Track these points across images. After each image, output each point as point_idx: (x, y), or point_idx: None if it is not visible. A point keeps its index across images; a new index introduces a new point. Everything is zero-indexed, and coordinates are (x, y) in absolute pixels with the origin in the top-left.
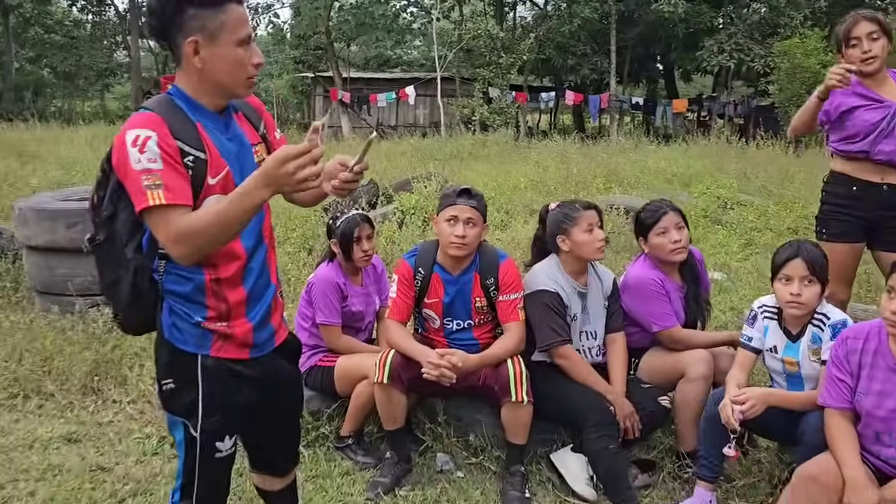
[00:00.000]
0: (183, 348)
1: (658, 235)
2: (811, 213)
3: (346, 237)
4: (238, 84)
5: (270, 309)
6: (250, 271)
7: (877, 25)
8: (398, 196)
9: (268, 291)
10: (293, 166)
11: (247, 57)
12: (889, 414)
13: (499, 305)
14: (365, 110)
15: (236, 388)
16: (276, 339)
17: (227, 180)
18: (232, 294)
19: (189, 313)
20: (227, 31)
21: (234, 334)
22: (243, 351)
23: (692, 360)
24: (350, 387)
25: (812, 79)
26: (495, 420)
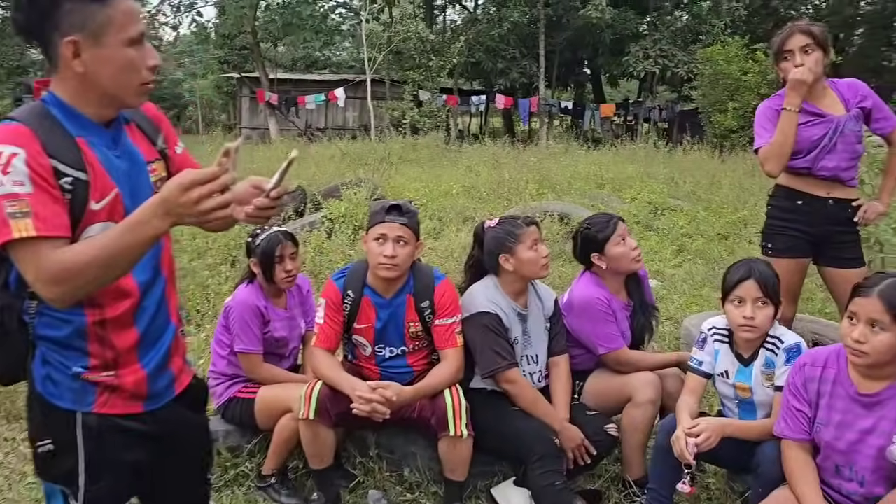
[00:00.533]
0: (58, 405)
1: (617, 245)
2: (739, 218)
3: (266, 257)
4: (128, 92)
5: (170, 352)
6: (144, 310)
7: (810, 38)
8: (327, 203)
9: (166, 333)
10: (197, 194)
11: (139, 59)
12: (850, 446)
13: (435, 330)
14: (293, 112)
15: (126, 447)
16: (177, 387)
17: (114, 205)
18: (121, 338)
19: (66, 363)
20: (115, 28)
21: (124, 385)
22: (135, 404)
23: (639, 383)
24: (272, 421)
25: (733, 85)
26: (432, 452)
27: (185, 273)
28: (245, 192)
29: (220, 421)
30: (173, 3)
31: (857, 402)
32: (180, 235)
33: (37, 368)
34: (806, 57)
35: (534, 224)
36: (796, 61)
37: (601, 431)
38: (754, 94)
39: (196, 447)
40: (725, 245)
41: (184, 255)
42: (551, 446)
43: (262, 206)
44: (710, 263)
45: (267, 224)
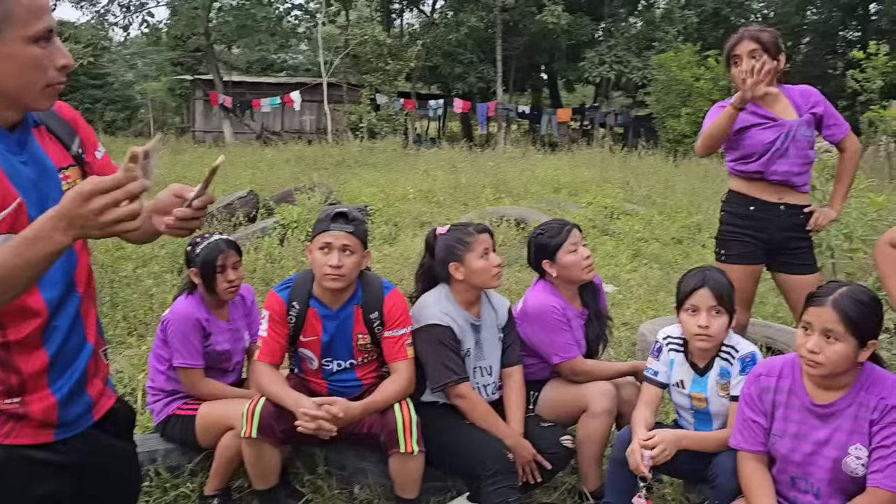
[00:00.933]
0: None
1: (569, 253)
2: (693, 222)
3: (207, 266)
4: (30, 93)
5: (86, 376)
6: (54, 330)
7: (757, 44)
8: (279, 208)
9: (81, 355)
10: (99, 204)
11: (44, 57)
12: (805, 458)
13: (384, 342)
14: (248, 115)
15: (36, 480)
16: (96, 412)
17: (18, 215)
18: (27, 362)
19: None
20: (15, 23)
21: (31, 413)
22: (45, 433)
23: (595, 393)
24: (214, 439)
25: (686, 91)
26: (383, 467)
27: (129, 282)
28: (167, 201)
29: (160, 439)
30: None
31: (812, 413)
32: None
33: None
34: (753, 63)
35: (486, 232)
36: (743, 67)
37: (556, 444)
38: (706, 100)
39: (121, 476)
40: (680, 249)
41: (128, 262)
42: (504, 461)
43: (184, 217)
44: (666, 268)
45: (198, 234)
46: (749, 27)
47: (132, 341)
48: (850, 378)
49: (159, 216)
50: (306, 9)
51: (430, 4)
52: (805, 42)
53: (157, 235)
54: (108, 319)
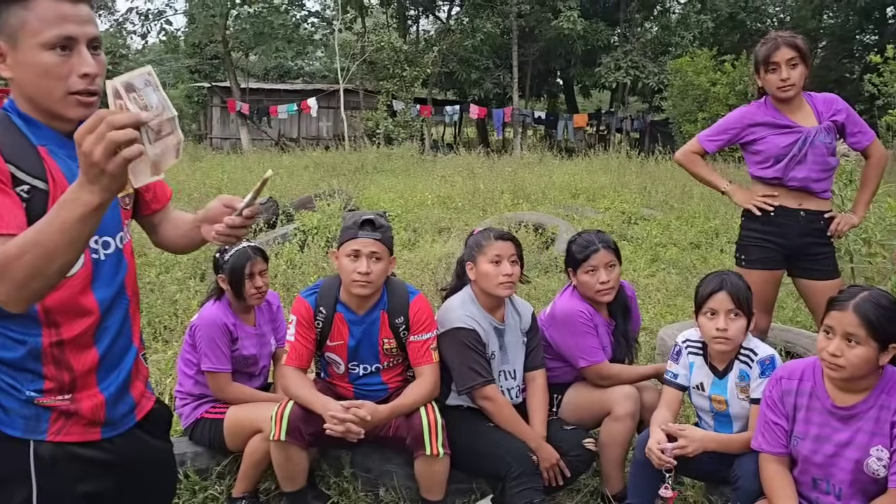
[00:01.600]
0: (9, 433)
1: (586, 273)
2: (711, 227)
3: (235, 273)
4: (51, 99)
5: (130, 377)
6: (106, 330)
7: (796, 52)
8: (299, 215)
9: (127, 356)
10: (89, 142)
11: (58, 65)
12: (827, 459)
13: (410, 346)
14: (265, 122)
15: (82, 478)
16: (138, 413)
17: None
18: (79, 359)
19: (17, 386)
20: (29, 31)
21: (80, 410)
22: (92, 431)
23: (618, 396)
24: (242, 442)
25: (703, 95)
26: (408, 470)
27: (153, 288)
28: (216, 210)
29: (188, 442)
30: (141, 11)
31: (834, 416)
32: (147, 249)
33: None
34: (792, 70)
35: (504, 239)
36: (782, 74)
37: (579, 446)
38: (723, 105)
39: (159, 475)
40: (698, 254)
41: (151, 269)
42: (529, 463)
43: (234, 225)
44: (684, 272)
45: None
46: (781, 33)
47: (158, 346)
48: (872, 381)
49: (208, 225)
50: (323, 16)
51: (446, 11)
52: (821, 46)
53: (203, 243)
54: None
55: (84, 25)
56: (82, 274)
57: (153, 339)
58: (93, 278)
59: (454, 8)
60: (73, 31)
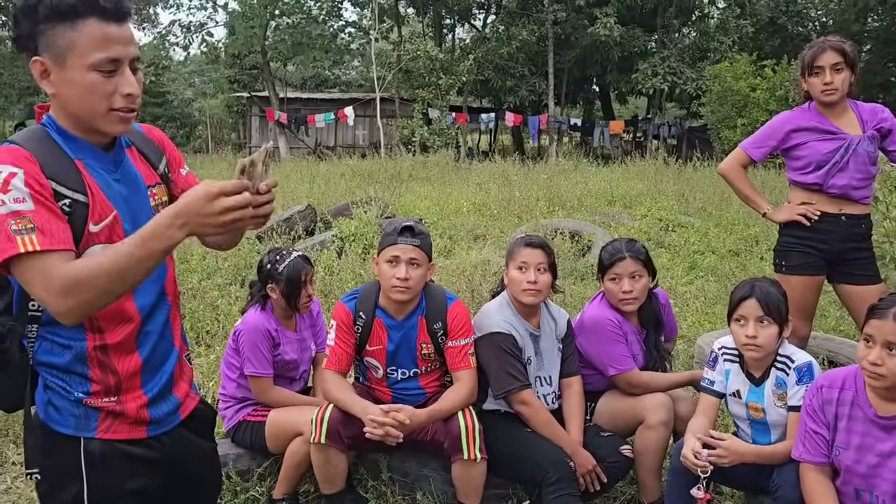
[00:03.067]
0: (61, 431)
1: (611, 281)
2: (751, 234)
3: (293, 283)
4: (94, 116)
5: (173, 378)
6: (147, 335)
7: (841, 57)
8: (337, 222)
9: (170, 358)
10: (223, 205)
11: (104, 85)
12: (870, 470)
13: (448, 352)
14: (303, 131)
15: (131, 475)
16: (183, 412)
17: (113, 227)
18: (123, 363)
19: (68, 388)
20: (77, 52)
21: (126, 411)
22: (139, 429)
23: (651, 405)
24: (283, 444)
25: (742, 101)
26: (445, 475)
27: (195, 293)
28: None
29: (230, 444)
30: (183, 23)
31: (876, 425)
32: (189, 256)
33: (38, 394)
34: (836, 75)
35: (532, 247)
36: (826, 78)
37: (616, 453)
38: (762, 111)
39: (204, 473)
40: (737, 262)
41: (193, 275)
42: (566, 469)
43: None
44: (722, 280)
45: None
46: (829, 38)
47: (200, 350)
48: None
49: None
50: (360, 26)
51: (482, 19)
52: (866, 50)
53: (241, 235)
54: None
55: (128, 46)
56: None
57: (196, 343)
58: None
59: (490, 16)
60: (120, 53)
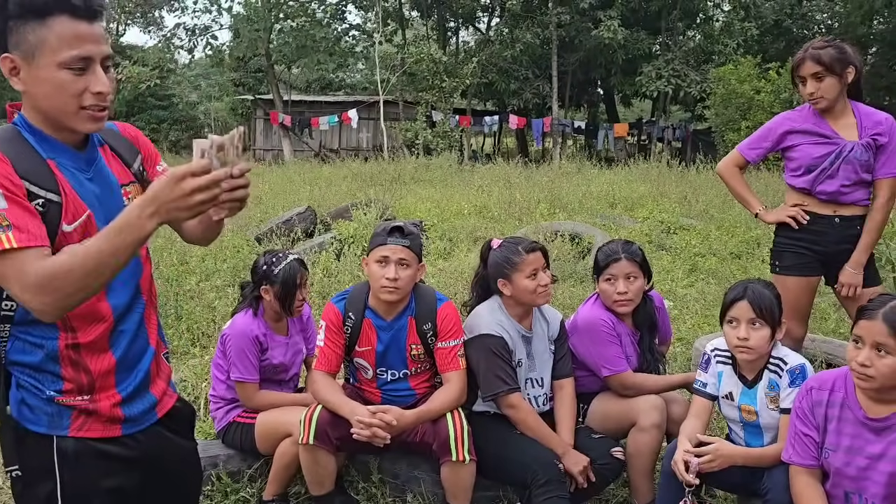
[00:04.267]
0: (34, 429)
1: (605, 282)
2: (752, 237)
3: (288, 286)
4: (66, 115)
5: (149, 377)
6: (121, 334)
7: (820, 66)
8: (336, 224)
9: (145, 357)
10: (191, 186)
11: (73, 83)
12: (859, 472)
13: (437, 353)
14: (307, 133)
15: (105, 473)
16: (160, 410)
17: (87, 226)
18: (96, 362)
19: (39, 386)
20: (47, 50)
21: (99, 409)
22: (113, 427)
23: (644, 407)
24: (273, 445)
25: (746, 104)
26: (435, 476)
27: (193, 295)
28: None
29: (221, 445)
30: (188, 26)
31: (866, 427)
32: (189, 257)
33: (12, 393)
34: (818, 83)
35: (535, 251)
36: (808, 88)
37: (607, 455)
38: (767, 113)
39: (184, 471)
40: (738, 264)
41: (192, 276)
42: (555, 471)
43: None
44: (723, 283)
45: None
46: (814, 43)
47: (195, 351)
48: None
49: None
50: (364, 29)
51: (486, 22)
52: (872, 52)
53: (219, 224)
54: (173, 331)
55: (99, 45)
56: None
57: (191, 344)
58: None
59: (494, 19)
60: (91, 51)
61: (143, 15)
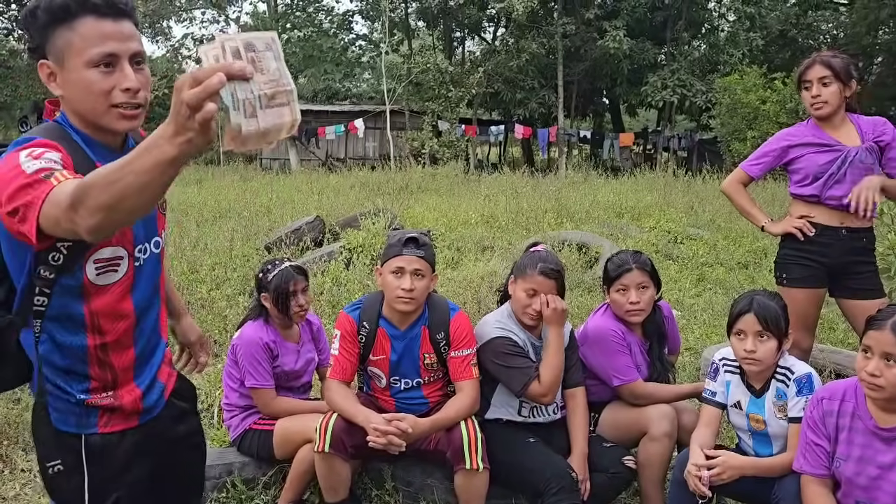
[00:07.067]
0: (63, 429)
1: (617, 292)
2: (759, 247)
3: (280, 292)
4: (97, 113)
5: (160, 366)
6: (141, 332)
7: (829, 70)
8: (345, 233)
9: (158, 350)
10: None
11: (101, 81)
12: (870, 482)
13: (450, 362)
14: (313, 143)
15: (126, 464)
16: (166, 393)
17: (124, 231)
18: (119, 359)
19: (68, 389)
20: (75, 50)
21: (123, 405)
22: (132, 420)
23: (655, 416)
24: (292, 451)
25: (752, 114)
26: (448, 484)
27: (204, 303)
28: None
29: (236, 453)
30: (196, 37)
31: (877, 437)
32: (199, 266)
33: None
34: (823, 89)
35: (547, 276)
36: (813, 92)
37: (619, 464)
38: (773, 123)
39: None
40: (746, 274)
41: (202, 285)
42: (568, 478)
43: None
44: (731, 293)
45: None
46: (823, 52)
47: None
48: None
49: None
50: (370, 39)
51: (492, 32)
52: (877, 63)
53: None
54: None
55: (126, 42)
56: (126, 280)
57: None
58: (133, 283)
59: (500, 29)
60: (115, 48)
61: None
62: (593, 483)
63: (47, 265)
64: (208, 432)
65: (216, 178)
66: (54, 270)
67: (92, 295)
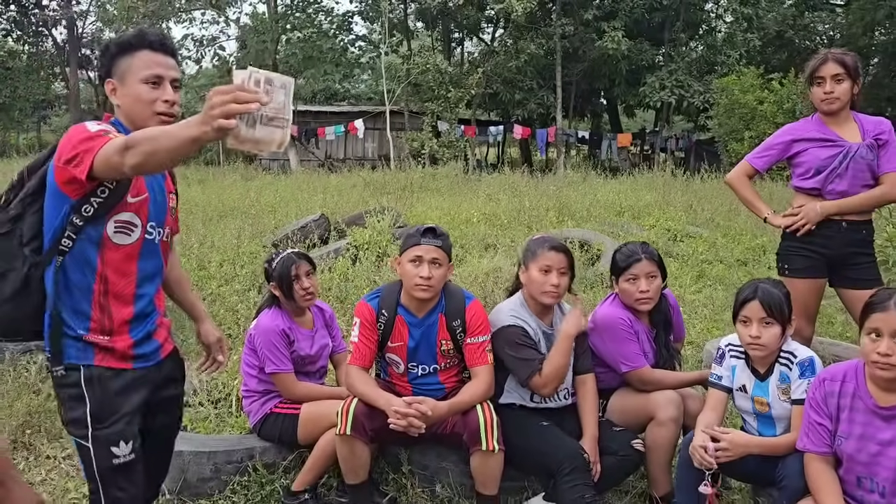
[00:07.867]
0: (66, 362)
1: (627, 282)
2: (758, 244)
3: (283, 277)
4: (145, 118)
5: (155, 327)
6: (140, 296)
7: (842, 68)
8: (350, 231)
9: (153, 315)
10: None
11: (150, 93)
12: (871, 458)
13: (466, 348)
14: (313, 143)
15: (123, 393)
16: (163, 352)
17: (142, 205)
18: (119, 311)
19: (72, 325)
20: (133, 71)
21: (116, 348)
22: (126, 363)
23: (661, 401)
24: (316, 436)
25: (749, 114)
26: (463, 467)
27: (214, 298)
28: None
29: (256, 438)
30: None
31: (877, 415)
32: (208, 263)
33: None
34: (836, 85)
35: (557, 251)
36: (826, 88)
37: (628, 446)
38: (770, 123)
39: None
40: (745, 271)
41: (212, 281)
42: (581, 460)
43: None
44: (730, 289)
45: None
46: (833, 50)
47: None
48: None
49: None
50: (369, 40)
51: (490, 33)
52: (873, 63)
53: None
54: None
55: (169, 70)
56: (135, 246)
57: None
58: (140, 251)
59: (498, 30)
60: (162, 72)
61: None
62: (603, 465)
63: (79, 214)
64: (227, 420)
65: (217, 177)
66: (84, 220)
67: (106, 248)
